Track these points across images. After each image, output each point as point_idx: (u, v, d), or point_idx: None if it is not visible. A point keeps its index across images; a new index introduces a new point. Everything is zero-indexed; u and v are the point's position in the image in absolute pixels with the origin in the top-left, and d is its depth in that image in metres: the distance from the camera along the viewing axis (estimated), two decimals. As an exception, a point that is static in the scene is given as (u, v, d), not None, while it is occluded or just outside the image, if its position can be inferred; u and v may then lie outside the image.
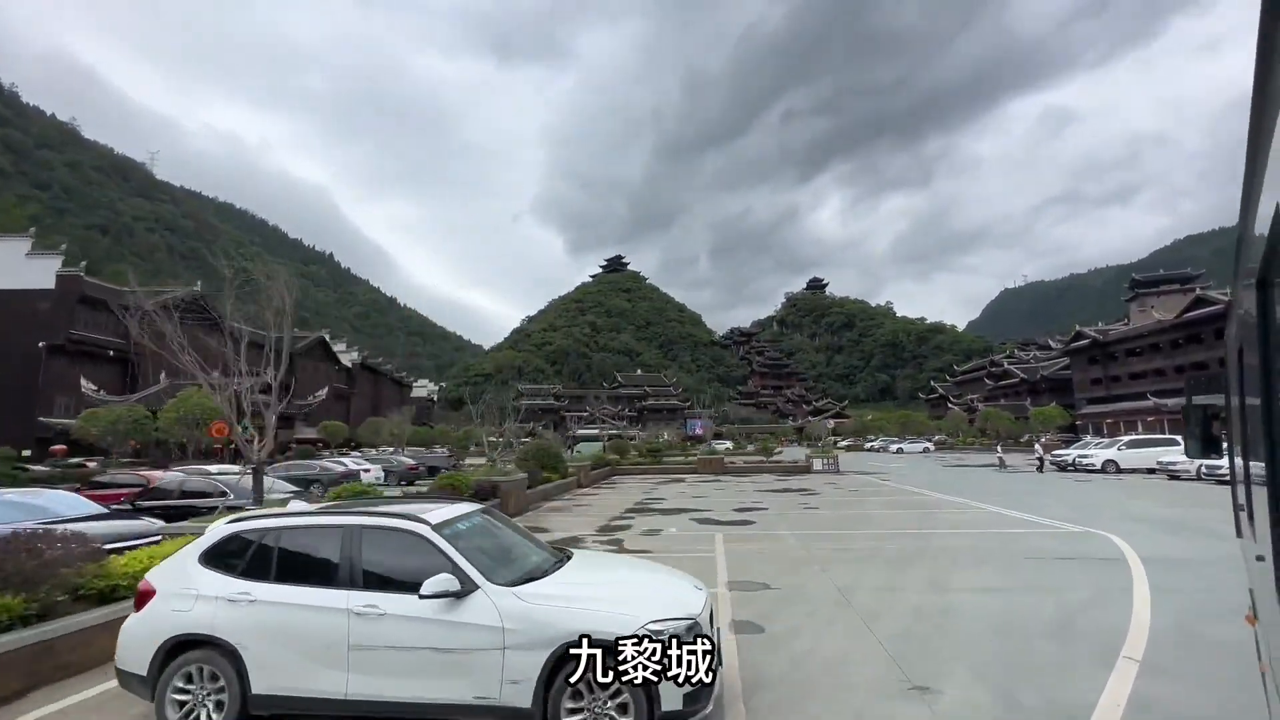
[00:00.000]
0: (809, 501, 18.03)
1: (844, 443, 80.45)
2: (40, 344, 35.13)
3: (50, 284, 36.46)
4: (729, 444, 65.08)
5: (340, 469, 25.70)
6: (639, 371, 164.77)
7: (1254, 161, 1.76)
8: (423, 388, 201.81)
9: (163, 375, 39.03)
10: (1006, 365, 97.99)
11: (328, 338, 71.04)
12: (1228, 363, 2.87)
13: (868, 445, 69.50)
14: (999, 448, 33.52)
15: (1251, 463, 2.27)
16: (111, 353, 38.45)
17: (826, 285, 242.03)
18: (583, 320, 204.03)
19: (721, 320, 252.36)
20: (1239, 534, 2.93)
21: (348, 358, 76.62)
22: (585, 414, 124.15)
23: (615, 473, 30.71)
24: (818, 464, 29.19)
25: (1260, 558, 2.15)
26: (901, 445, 60.22)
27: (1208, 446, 3.40)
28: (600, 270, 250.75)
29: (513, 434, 63.78)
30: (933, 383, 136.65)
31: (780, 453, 43.46)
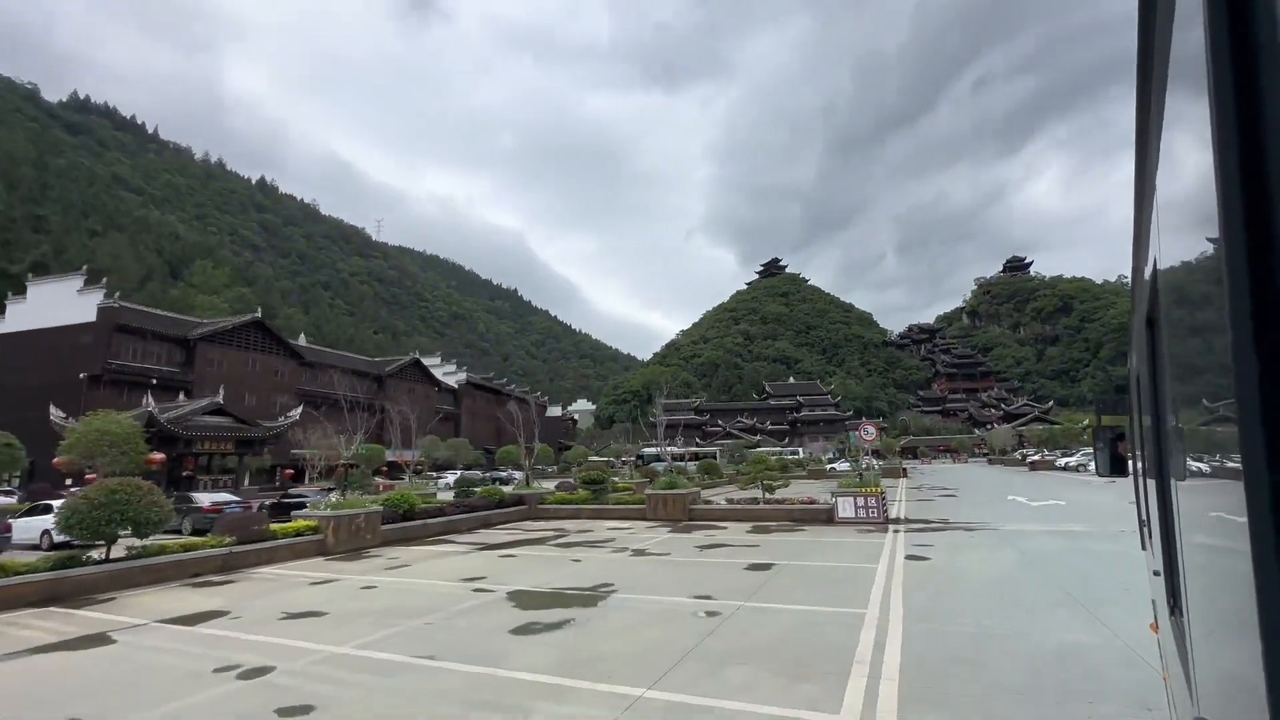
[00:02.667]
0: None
1: (1030, 454, 60.32)
2: (81, 375, 37.29)
3: (94, 317, 38.85)
4: (843, 463, 51.18)
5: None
6: (791, 380, 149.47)
7: (1140, 210, 1.88)
8: (584, 408, 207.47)
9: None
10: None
11: (419, 356, 71.56)
12: (1129, 389, 3.07)
13: (1063, 462, 50.12)
14: None
15: (1148, 482, 2.49)
16: (154, 381, 40.00)
17: (1030, 264, 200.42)
18: (735, 330, 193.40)
19: (915, 321, 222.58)
20: (1143, 548, 3.06)
21: (455, 378, 77.05)
22: (718, 429, 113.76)
23: (533, 515, 22.24)
24: (846, 507, 17.44)
25: (1156, 573, 2.40)
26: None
27: (1115, 466, 3.57)
28: (756, 276, 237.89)
29: (612, 454, 56.79)
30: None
31: (848, 469, 30.91)
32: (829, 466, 49.40)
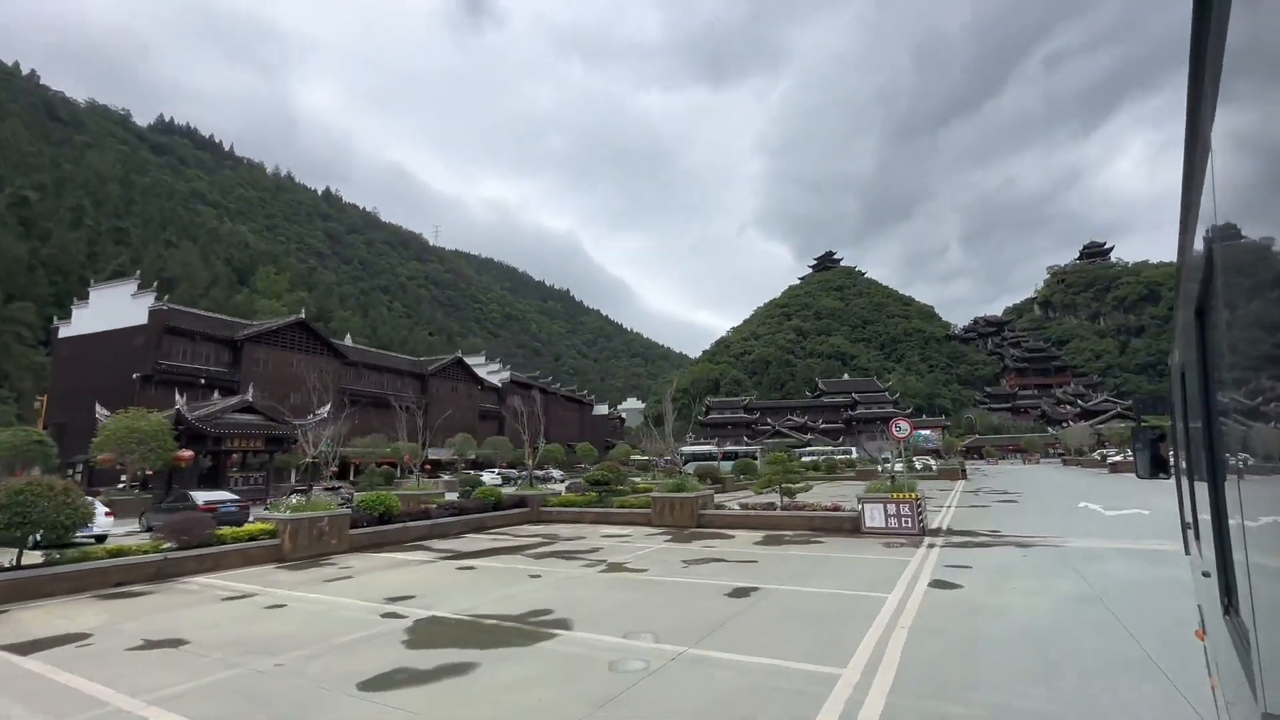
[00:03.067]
0: None
1: (1111, 454, 54.43)
2: (134, 375, 38.46)
3: (145, 319, 40.07)
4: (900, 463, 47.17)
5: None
6: (845, 376, 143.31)
7: (1188, 195, 1.84)
8: (634, 407, 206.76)
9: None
10: None
11: (462, 356, 71.67)
12: (1172, 386, 3.01)
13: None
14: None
15: (1196, 483, 2.42)
16: (203, 380, 40.97)
17: (1109, 250, 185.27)
18: (787, 326, 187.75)
19: (980, 314, 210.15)
20: (1186, 551, 2.99)
21: (498, 377, 77.01)
22: (768, 427, 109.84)
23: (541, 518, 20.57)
24: (874, 515, 14.80)
25: (1206, 574, 2.35)
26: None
27: (1156, 467, 3.48)
28: (810, 270, 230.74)
29: (655, 453, 55.12)
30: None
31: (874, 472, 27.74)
32: (882, 466, 45.91)
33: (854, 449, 74.16)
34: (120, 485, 32.52)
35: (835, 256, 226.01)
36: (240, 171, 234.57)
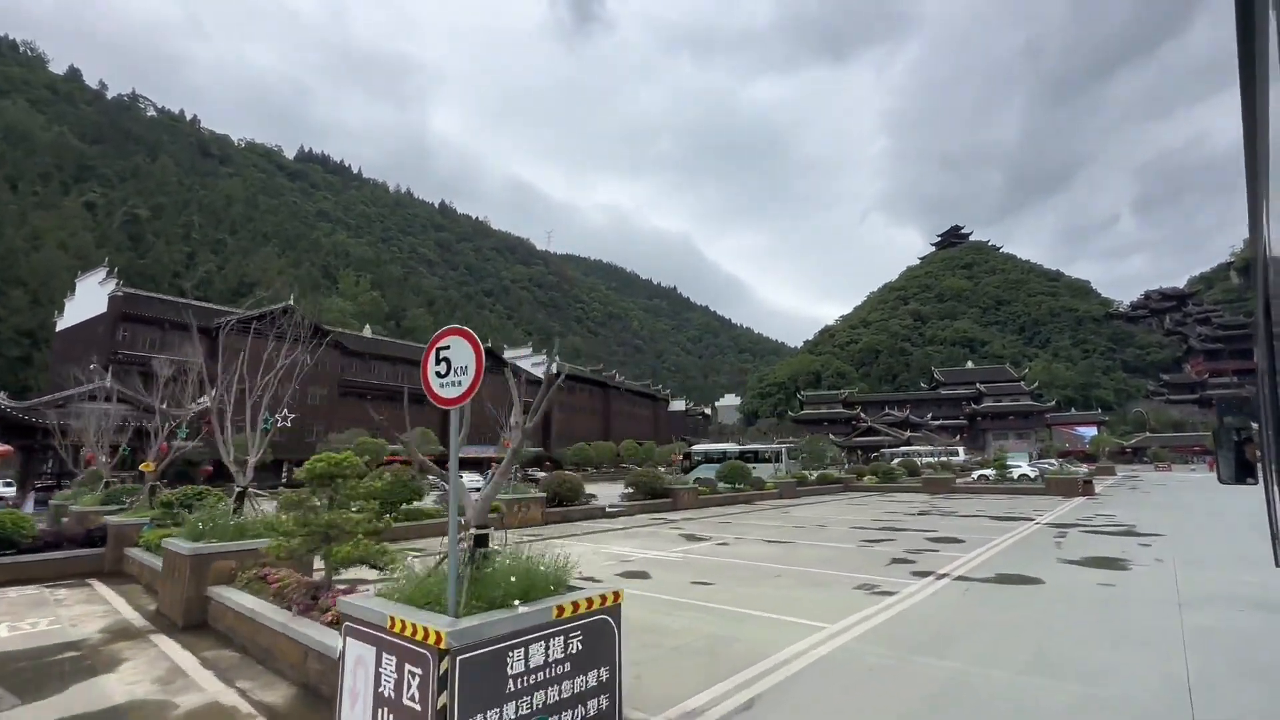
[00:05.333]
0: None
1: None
2: (90, 365, 36.85)
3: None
4: (1030, 467, 33.76)
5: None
6: (969, 364, 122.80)
7: (1254, 182, 1.77)
8: (730, 403, 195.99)
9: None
10: None
11: (504, 348, 66.82)
12: (1258, 386, 2.86)
13: None
14: None
15: None
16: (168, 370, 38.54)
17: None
18: (903, 310, 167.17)
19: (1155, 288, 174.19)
20: (1277, 562, 2.91)
21: (541, 369, 71.72)
22: (863, 423, 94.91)
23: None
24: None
25: None
26: None
27: (1242, 471, 3.22)
28: (932, 248, 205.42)
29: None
30: None
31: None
32: (1012, 471, 33.38)
33: (960, 449, 59.85)
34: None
35: (963, 231, 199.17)
36: (364, 191, 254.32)
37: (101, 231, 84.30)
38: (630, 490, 23.20)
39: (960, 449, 59.81)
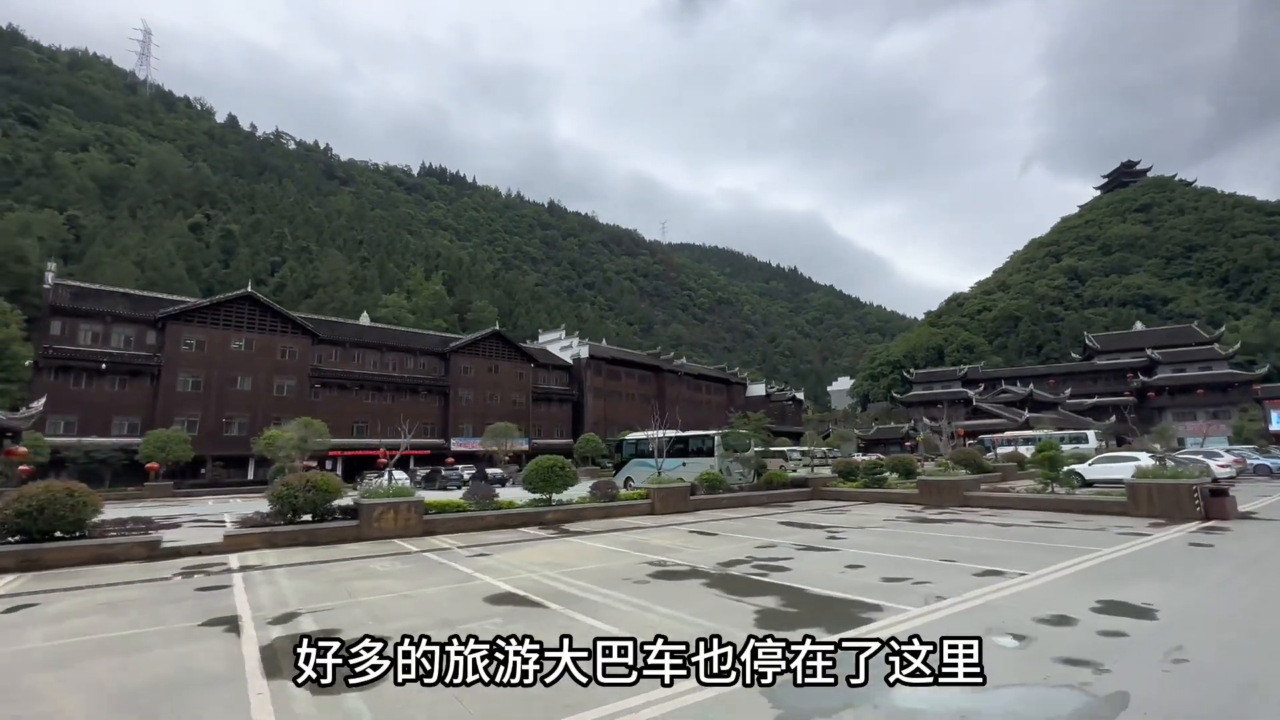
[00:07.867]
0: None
1: None
2: (26, 361, 36.10)
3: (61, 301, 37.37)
4: (1219, 459, 20.04)
5: None
6: (1138, 326, 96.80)
7: None
8: (843, 386, 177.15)
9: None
10: None
11: (501, 330, 60.93)
12: None
13: None
14: None
15: None
16: (104, 365, 37.08)
17: None
18: (1054, 268, 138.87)
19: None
20: None
21: (570, 353, 65.15)
22: (985, 402, 76.30)
23: None
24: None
25: None
26: None
27: None
28: (1097, 192, 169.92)
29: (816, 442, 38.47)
30: None
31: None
32: (1190, 461, 21.05)
33: (1091, 434, 43.91)
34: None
35: (1136, 166, 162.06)
36: (474, 197, 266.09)
37: (198, 247, 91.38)
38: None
39: (1091, 433, 43.44)
